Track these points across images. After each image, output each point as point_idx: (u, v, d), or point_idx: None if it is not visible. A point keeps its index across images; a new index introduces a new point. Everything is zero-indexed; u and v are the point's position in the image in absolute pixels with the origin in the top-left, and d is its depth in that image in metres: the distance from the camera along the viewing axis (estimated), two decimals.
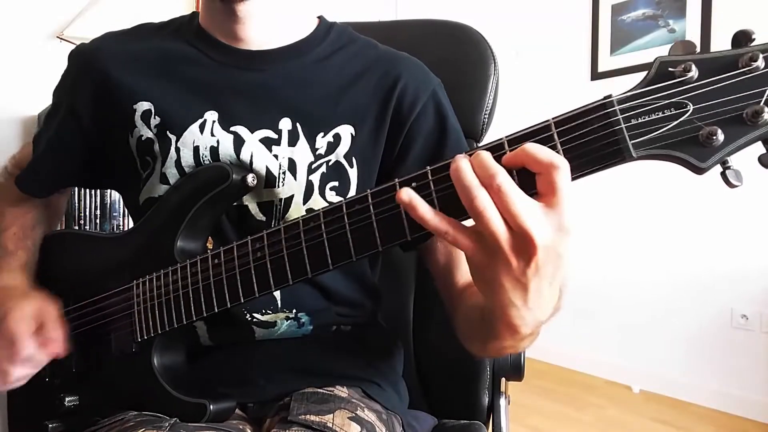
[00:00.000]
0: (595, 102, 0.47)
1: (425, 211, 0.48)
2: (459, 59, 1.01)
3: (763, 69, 0.43)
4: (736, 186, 0.45)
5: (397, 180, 0.53)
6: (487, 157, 0.46)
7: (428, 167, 0.51)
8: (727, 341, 2.46)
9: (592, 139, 0.46)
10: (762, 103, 0.43)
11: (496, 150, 0.49)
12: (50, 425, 0.76)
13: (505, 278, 0.48)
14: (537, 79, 3.11)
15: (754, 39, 0.45)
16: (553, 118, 0.47)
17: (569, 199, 0.45)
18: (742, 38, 0.45)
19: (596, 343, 2.91)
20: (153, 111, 0.74)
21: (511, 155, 0.47)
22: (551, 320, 0.55)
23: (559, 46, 3.06)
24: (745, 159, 0.47)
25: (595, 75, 2.89)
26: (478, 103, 0.99)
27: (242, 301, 0.63)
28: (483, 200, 0.45)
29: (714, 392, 2.48)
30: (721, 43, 2.40)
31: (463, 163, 0.46)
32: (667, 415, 2.43)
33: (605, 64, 2.85)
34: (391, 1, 2.97)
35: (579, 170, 0.47)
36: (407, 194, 0.48)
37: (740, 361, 2.42)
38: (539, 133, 0.48)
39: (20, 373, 0.72)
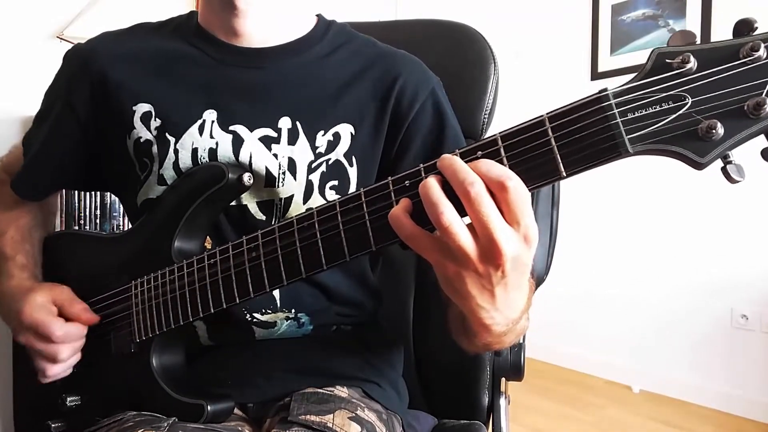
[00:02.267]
0: (590, 96, 0.46)
1: (399, 216, 0.50)
2: (459, 59, 1.01)
3: (765, 59, 0.41)
4: (738, 181, 0.44)
5: (390, 179, 0.53)
6: (463, 166, 0.46)
7: (421, 165, 0.51)
8: (727, 341, 2.45)
9: (587, 134, 0.45)
10: (764, 95, 0.41)
11: (490, 146, 0.48)
12: (53, 425, 0.76)
13: (472, 287, 0.49)
14: (537, 80, 3.11)
15: (756, 28, 0.43)
16: (546, 113, 0.47)
17: (528, 213, 0.46)
18: (743, 28, 0.43)
19: (596, 343, 2.91)
20: (153, 113, 0.74)
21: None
22: (526, 315, 0.57)
23: (559, 46, 3.06)
24: (746, 158, 0.47)
25: (595, 75, 2.89)
26: (478, 103, 0.99)
27: (237, 301, 0.63)
28: (449, 215, 0.46)
29: (714, 392, 2.48)
30: None
31: (429, 180, 0.47)
32: (667, 415, 2.43)
33: (605, 64, 2.85)
34: (391, 1, 2.97)
35: (574, 166, 0.46)
36: (402, 205, 0.50)
37: (740, 361, 2.42)
38: (533, 129, 0.47)
39: (67, 352, 0.71)
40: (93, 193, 1.56)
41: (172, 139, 0.73)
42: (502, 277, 0.48)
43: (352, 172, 0.74)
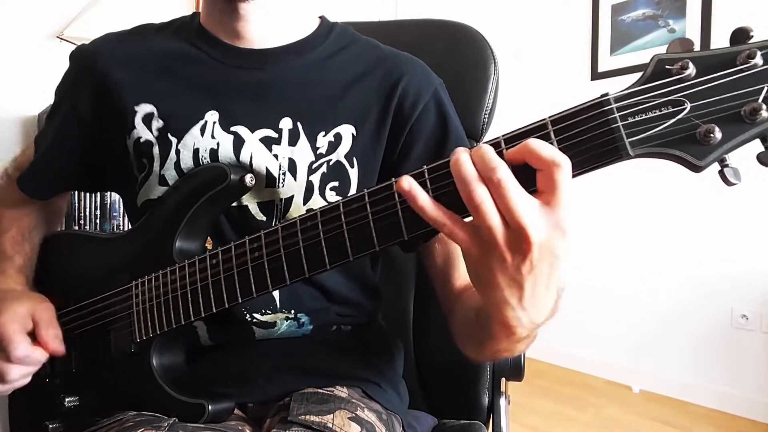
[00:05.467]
0: (592, 100, 0.47)
1: (425, 200, 0.48)
2: (459, 59, 1.01)
3: (761, 66, 0.43)
4: (735, 184, 0.45)
5: (393, 179, 0.53)
6: (488, 150, 0.46)
7: (425, 166, 0.51)
8: (727, 341, 2.46)
9: (588, 138, 0.46)
10: (760, 101, 0.42)
11: (494, 148, 0.48)
12: (50, 425, 0.76)
13: (500, 275, 0.48)
14: (537, 80, 3.11)
15: (752, 36, 0.44)
16: (549, 117, 0.47)
17: (568, 198, 0.45)
18: (740, 35, 0.45)
19: (596, 343, 2.91)
20: (156, 113, 0.74)
21: (513, 151, 0.47)
22: (547, 323, 0.54)
23: (559, 46, 3.06)
24: (745, 159, 0.47)
25: (595, 75, 2.89)
26: (478, 103, 0.99)
27: (240, 301, 0.63)
28: (481, 194, 0.45)
29: (714, 392, 2.48)
30: (721, 43, 2.39)
31: (462, 156, 0.46)
32: (667, 415, 2.43)
33: (605, 64, 2.85)
34: (391, 1, 2.97)
35: (575, 169, 0.46)
36: (407, 182, 0.49)
37: (740, 361, 2.42)
38: (535, 132, 0.47)
39: (18, 373, 0.72)
40: (93, 193, 1.56)
41: (174, 140, 0.73)
42: (530, 268, 0.46)
43: (353, 174, 0.74)
